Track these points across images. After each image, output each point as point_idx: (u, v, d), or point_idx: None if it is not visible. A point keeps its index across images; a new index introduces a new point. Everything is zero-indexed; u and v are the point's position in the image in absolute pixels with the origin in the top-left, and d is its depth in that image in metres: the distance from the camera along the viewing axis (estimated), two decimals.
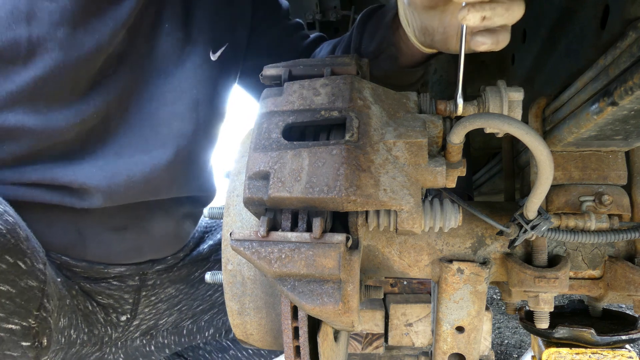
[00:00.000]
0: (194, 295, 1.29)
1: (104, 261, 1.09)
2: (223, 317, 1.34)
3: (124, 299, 1.17)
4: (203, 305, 1.31)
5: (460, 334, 0.74)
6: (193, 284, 1.29)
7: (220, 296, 1.32)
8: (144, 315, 1.22)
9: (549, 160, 0.56)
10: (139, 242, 1.11)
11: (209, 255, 1.33)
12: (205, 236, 1.37)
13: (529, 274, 0.70)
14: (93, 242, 1.06)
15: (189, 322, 1.32)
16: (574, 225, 0.72)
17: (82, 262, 1.06)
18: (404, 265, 0.77)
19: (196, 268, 1.30)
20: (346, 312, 0.58)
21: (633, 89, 0.53)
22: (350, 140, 0.59)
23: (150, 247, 1.15)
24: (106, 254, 1.08)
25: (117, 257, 1.10)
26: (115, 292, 1.15)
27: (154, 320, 1.25)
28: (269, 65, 0.72)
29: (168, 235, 1.17)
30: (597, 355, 0.83)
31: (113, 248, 1.08)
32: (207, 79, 1.11)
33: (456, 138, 0.60)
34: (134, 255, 1.13)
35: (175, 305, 1.28)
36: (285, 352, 0.64)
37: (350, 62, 0.70)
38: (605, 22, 0.62)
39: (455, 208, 0.65)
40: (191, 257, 1.29)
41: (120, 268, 1.12)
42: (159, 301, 1.24)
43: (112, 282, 1.13)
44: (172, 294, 1.26)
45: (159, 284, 1.22)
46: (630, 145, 0.72)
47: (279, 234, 0.58)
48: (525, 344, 2.83)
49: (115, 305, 1.16)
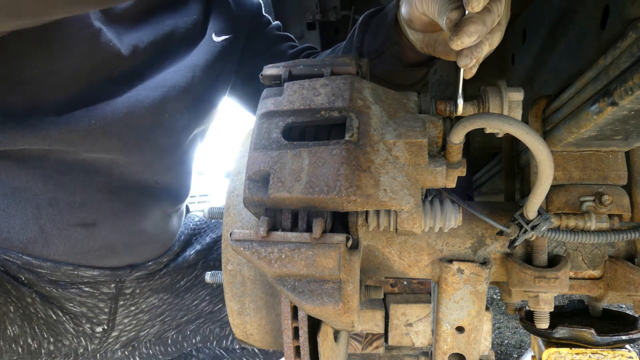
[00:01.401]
0: (179, 305, 1.22)
1: (72, 261, 1.00)
2: (210, 325, 1.27)
3: (99, 308, 1.08)
4: (188, 315, 1.24)
5: (460, 334, 0.74)
6: (178, 294, 1.20)
7: (207, 305, 1.25)
8: (124, 327, 1.15)
9: (549, 161, 0.56)
10: (111, 239, 1.02)
11: (196, 261, 1.24)
12: (193, 239, 1.28)
13: (529, 274, 0.70)
14: (57, 239, 0.97)
15: (173, 332, 1.24)
16: (574, 225, 0.72)
17: (47, 261, 0.97)
18: (404, 266, 0.77)
19: (181, 276, 1.21)
20: (346, 312, 0.58)
21: (633, 89, 0.53)
22: (350, 140, 0.59)
23: (125, 247, 1.05)
24: (73, 253, 0.99)
25: (87, 258, 1.01)
26: (89, 300, 1.06)
27: (135, 332, 1.18)
28: (269, 65, 0.72)
29: (146, 233, 1.08)
30: (597, 355, 0.83)
31: (80, 246, 0.99)
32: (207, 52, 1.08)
33: (456, 138, 0.60)
34: (107, 255, 1.03)
35: (158, 316, 1.20)
36: (285, 352, 0.64)
37: (350, 62, 0.70)
38: (605, 22, 0.63)
39: (455, 208, 0.65)
40: (176, 263, 1.19)
41: (92, 271, 1.03)
42: (139, 312, 1.16)
43: (83, 287, 1.04)
44: (155, 304, 1.17)
45: (138, 293, 1.13)
46: (630, 145, 0.72)
47: (279, 234, 0.58)
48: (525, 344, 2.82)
49: (89, 314, 1.07)
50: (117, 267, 1.06)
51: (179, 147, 1.10)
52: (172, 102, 1.00)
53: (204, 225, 1.33)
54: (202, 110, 1.13)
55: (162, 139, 1.03)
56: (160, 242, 1.14)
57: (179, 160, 1.13)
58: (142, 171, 1.03)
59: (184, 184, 1.17)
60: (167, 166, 1.09)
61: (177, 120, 1.04)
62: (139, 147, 1.00)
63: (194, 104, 1.07)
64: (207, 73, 1.08)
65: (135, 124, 0.95)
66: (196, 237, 1.29)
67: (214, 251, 1.28)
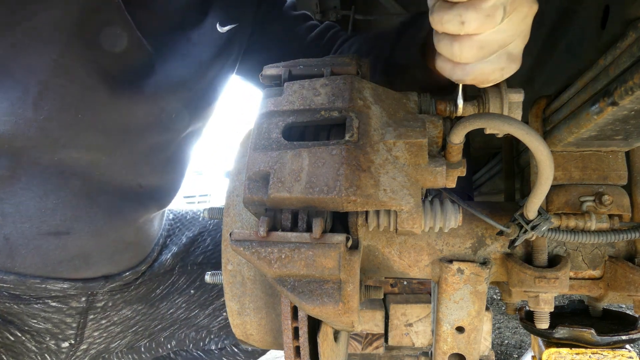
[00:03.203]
0: (153, 315, 1.12)
1: (39, 274, 0.88)
2: (186, 330, 1.19)
3: (66, 324, 0.99)
4: (163, 324, 1.16)
5: (460, 334, 0.74)
6: (153, 304, 1.11)
7: (183, 312, 1.17)
8: (93, 340, 1.06)
9: (549, 161, 0.56)
10: (86, 249, 0.91)
11: (173, 266, 1.13)
12: (168, 240, 1.16)
13: (529, 274, 0.70)
14: (24, 249, 0.86)
15: (145, 341, 1.16)
16: (574, 225, 0.72)
17: (10, 274, 0.86)
18: (404, 266, 0.77)
19: (157, 284, 1.11)
20: (346, 312, 0.58)
21: (633, 89, 0.53)
22: (350, 141, 0.58)
23: (101, 257, 0.94)
24: (42, 264, 0.88)
25: (56, 269, 0.90)
26: (54, 316, 0.96)
27: (105, 344, 1.09)
28: (268, 65, 0.72)
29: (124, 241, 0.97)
30: (597, 355, 0.82)
31: (51, 257, 0.88)
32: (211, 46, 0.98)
33: (456, 138, 0.60)
34: (81, 266, 0.92)
35: (131, 328, 1.11)
36: (285, 352, 0.64)
37: (350, 62, 0.69)
38: (605, 22, 0.62)
39: (455, 208, 0.65)
40: (152, 270, 1.09)
41: (62, 284, 0.92)
42: (111, 324, 1.06)
43: (50, 302, 0.94)
44: (128, 316, 1.08)
45: (111, 306, 1.03)
46: (631, 145, 0.72)
47: (279, 234, 0.57)
48: (526, 344, 2.83)
49: (54, 330, 0.98)
50: (90, 278, 0.96)
51: (169, 146, 1.01)
52: (172, 100, 0.93)
53: (179, 224, 1.22)
54: (201, 107, 1.05)
55: (153, 138, 0.95)
56: (140, 249, 1.04)
57: (168, 160, 1.03)
58: (124, 173, 0.94)
59: (173, 186, 1.08)
60: (154, 167, 1.00)
61: (174, 120, 0.96)
62: (126, 144, 0.91)
63: (193, 101, 0.99)
64: (210, 68, 0.99)
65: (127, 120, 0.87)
66: (171, 237, 1.18)
67: (190, 253, 1.19)
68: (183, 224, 1.22)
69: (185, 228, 1.22)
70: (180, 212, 1.29)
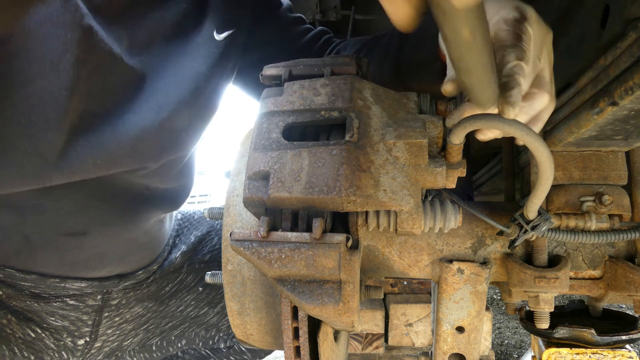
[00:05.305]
0: (164, 312, 1.16)
1: (59, 273, 0.92)
2: (196, 329, 1.23)
3: (82, 321, 1.02)
4: (173, 321, 1.20)
5: (460, 334, 0.74)
6: (163, 301, 1.15)
7: (192, 310, 1.21)
8: (107, 337, 1.10)
9: (549, 161, 0.56)
10: (101, 249, 0.95)
11: (181, 264, 1.17)
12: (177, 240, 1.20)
13: (529, 274, 0.70)
14: (44, 250, 0.89)
15: (157, 339, 1.20)
16: (574, 225, 0.72)
17: (31, 274, 0.90)
18: (404, 266, 0.77)
19: (167, 282, 1.15)
20: (346, 312, 0.58)
21: (633, 89, 0.53)
22: (350, 141, 0.58)
23: (115, 257, 0.98)
24: (61, 264, 0.92)
25: (74, 269, 0.94)
26: (72, 313, 1.00)
27: (118, 342, 1.13)
28: (268, 65, 0.72)
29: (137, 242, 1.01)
30: (597, 355, 0.82)
31: (69, 256, 0.91)
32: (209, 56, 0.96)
33: (456, 139, 0.60)
34: (96, 266, 0.96)
35: (142, 325, 1.15)
36: (285, 352, 0.64)
37: (350, 62, 0.69)
38: (605, 22, 0.62)
39: (455, 208, 0.65)
40: (162, 269, 1.13)
41: (80, 283, 0.96)
42: (123, 322, 1.10)
43: (68, 301, 0.98)
44: (140, 313, 1.12)
45: (124, 304, 1.07)
46: (631, 145, 0.72)
47: (279, 234, 0.58)
48: (526, 344, 2.83)
49: (71, 327, 1.02)
50: (105, 277, 1.00)
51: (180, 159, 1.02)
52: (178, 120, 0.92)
53: (187, 223, 1.25)
54: (205, 116, 1.05)
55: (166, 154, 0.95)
56: (151, 250, 1.08)
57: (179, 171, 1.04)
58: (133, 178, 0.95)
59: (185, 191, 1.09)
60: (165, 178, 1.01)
61: (184, 136, 0.96)
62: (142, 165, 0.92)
63: (198, 114, 0.99)
64: (210, 79, 0.98)
65: (142, 149, 0.87)
66: (179, 237, 1.21)
67: (198, 251, 1.23)
68: (191, 224, 1.25)
69: (193, 227, 1.25)
70: (188, 212, 1.32)
